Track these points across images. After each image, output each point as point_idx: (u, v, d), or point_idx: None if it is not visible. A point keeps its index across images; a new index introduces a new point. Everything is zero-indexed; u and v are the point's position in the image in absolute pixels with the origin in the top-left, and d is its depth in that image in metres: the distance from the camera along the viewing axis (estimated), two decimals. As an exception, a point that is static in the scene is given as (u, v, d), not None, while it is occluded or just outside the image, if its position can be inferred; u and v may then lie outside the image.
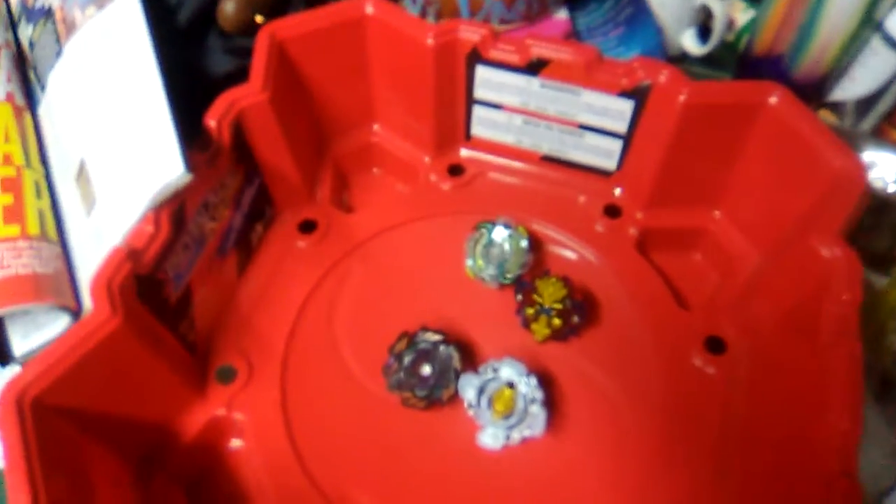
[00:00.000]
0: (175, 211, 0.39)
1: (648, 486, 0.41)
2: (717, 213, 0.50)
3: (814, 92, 0.59)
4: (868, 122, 0.58)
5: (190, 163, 0.38)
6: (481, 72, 0.48)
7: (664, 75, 0.44)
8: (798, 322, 0.42)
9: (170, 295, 0.41)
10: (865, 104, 0.57)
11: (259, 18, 0.49)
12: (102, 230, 0.41)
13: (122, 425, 0.39)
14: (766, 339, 0.44)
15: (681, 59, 0.66)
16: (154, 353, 0.39)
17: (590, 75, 0.46)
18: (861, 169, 0.41)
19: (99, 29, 0.45)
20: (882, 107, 0.57)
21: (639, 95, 0.45)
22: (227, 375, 0.44)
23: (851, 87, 0.57)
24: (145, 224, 0.38)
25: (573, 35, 0.64)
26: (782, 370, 0.42)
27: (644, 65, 0.45)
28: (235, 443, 0.43)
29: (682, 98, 0.44)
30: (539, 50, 0.46)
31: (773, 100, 0.43)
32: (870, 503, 0.44)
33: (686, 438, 0.42)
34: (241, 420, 0.42)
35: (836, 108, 0.59)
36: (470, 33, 0.46)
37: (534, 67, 0.46)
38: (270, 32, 0.46)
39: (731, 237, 0.49)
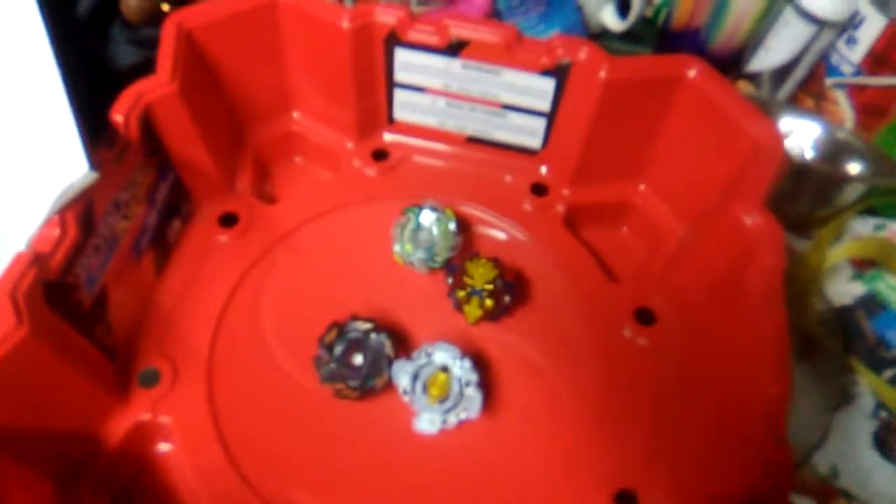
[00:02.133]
0: (82, 212, 0.37)
1: (583, 460, 0.41)
2: (642, 186, 0.50)
3: (731, 63, 0.60)
4: (784, 91, 0.60)
5: (95, 161, 0.36)
6: (401, 54, 0.47)
7: (584, 52, 0.44)
8: (724, 290, 0.42)
9: (83, 299, 0.39)
10: (781, 73, 0.58)
11: (165, 7, 0.47)
12: (3, 233, 0.39)
13: (39, 439, 0.37)
14: (693, 308, 0.45)
15: (601, 36, 0.67)
16: (68, 362, 0.37)
17: (510, 55, 0.45)
18: (778, 137, 0.41)
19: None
20: (797, 75, 0.58)
21: (560, 73, 0.45)
22: (151, 379, 0.42)
23: (767, 58, 0.58)
24: (51, 227, 0.36)
25: (493, 14, 0.64)
26: (711, 338, 0.42)
27: (564, 43, 0.45)
28: (163, 447, 0.41)
29: (602, 74, 0.43)
30: (458, 30, 0.45)
31: (691, 73, 0.43)
32: (799, 458, 0.45)
33: (620, 411, 0.43)
34: (167, 423, 0.41)
35: (753, 78, 0.60)
36: (387, 16, 0.45)
37: (454, 48, 0.46)
38: (178, 21, 0.44)
39: (656, 209, 0.50)
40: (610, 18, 0.65)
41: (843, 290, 0.52)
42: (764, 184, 0.41)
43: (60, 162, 0.36)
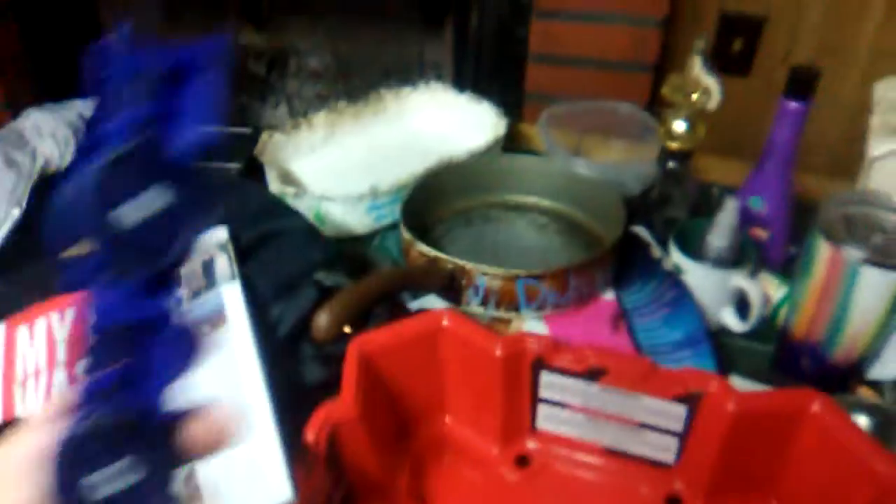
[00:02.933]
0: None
1: None
2: (774, 502, 0.52)
3: (853, 371, 0.63)
4: (908, 399, 0.62)
5: (295, 484, 0.43)
6: (545, 377, 0.53)
7: (713, 386, 0.49)
8: None
9: None
10: (903, 383, 0.61)
11: (347, 329, 0.56)
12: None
13: None
14: None
15: (721, 334, 0.72)
16: None
17: (645, 383, 0.51)
18: (905, 478, 0.44)
19: (214, 347, 0.53)
20: (920, 385, 0.61)
21: (691, 402, 0.50)
22: None
23: (886, 369, 0.61)
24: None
25: (621, 315, 0.70)
26: None
27: (694, 376, 0.50)
28: None
29: (730, 407, 0.48)
30: (597, 360, 0.51)
31: (814, 408, 0.48)
32: None
33: None
34: None
35: (875, 385, 0.63)
36: (534, 344, 0.53)
37: (593, 375, 0.52)
38: (359, 347, 0.52)
39: (790, 527, 0.51)
40: (730, 320, 0.70)
41: None
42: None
43: (267, 485, 0.43)
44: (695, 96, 0.68)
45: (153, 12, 0.32)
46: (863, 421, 0.60)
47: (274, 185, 0.85)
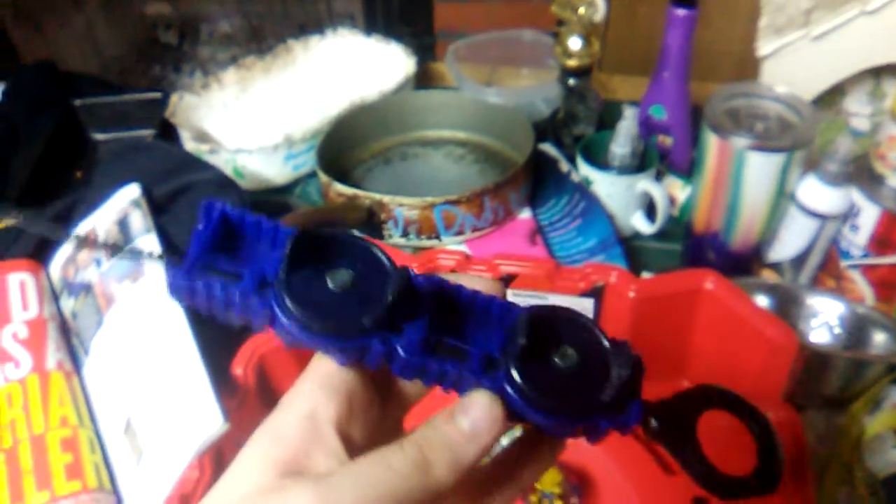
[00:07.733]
0: (215, 453, 0.46)
1: None
2: (685, 381, 0.56)
3: (754, 256, 0.68)
4: (805, 275, 0.66)
5: (227, 414, 0.45)
6: (461, 289, 0.56)
7: (614, 277, 0.52)
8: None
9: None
10: (799, 261, 0.65)
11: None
12: (151, 478, 0.47)
13: None
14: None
15: (635, 238, 0.76)
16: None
17: (552, 283, 0.54)
18: (792, 337, 0.48)
19: (135, 299, 0.54)
20: (813, 261, 0.65)
21: (596, 294, 0.53)
22: None
23: (783, 249, 0.65)
24: (191, 470, 0.44)
25: (538, 230, 0.73)
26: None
27: (596, 269, 0.53)
28: None
29: (631, 294, 0.52)
30: (507, 268, 0.54)
31: (708, 285, 0.51)
32: None
33: None
34: None
35: (775, 266, 0.67)
36: (447, 260, 0.55)
37: (505, 281, 0.55)
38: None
39: (700, 401, 0.55)
40: (640, 224, 0.74)
41: (889, 458, 0.56)
42: (782, 380, 0.47)
43: (199, 418, 0.45)
44: (581, 10, 0.70)
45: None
46: (762, 300, 0.64)
47: (188, 145, 0.85)
